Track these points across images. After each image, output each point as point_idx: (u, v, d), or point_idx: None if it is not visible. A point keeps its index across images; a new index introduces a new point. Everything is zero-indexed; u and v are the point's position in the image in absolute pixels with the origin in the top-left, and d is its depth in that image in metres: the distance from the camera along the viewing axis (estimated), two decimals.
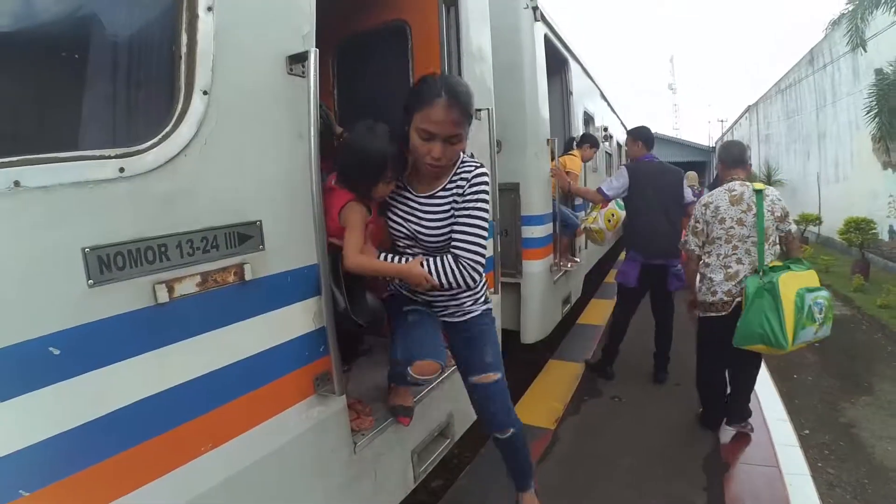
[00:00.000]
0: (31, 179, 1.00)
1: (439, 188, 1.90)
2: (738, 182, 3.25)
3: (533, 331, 4.36)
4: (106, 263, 1.10)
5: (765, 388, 4.54)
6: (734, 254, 3.17)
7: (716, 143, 36.90)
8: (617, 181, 4.27)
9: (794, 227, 3.34)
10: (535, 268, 4.29)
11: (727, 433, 3.60)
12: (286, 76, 1.49)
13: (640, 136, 4.41)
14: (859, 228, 10.14)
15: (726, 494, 2.96)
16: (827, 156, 14.32)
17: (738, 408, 3.56)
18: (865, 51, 9.10)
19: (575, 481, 3.00)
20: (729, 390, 3.59)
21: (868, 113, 7.43)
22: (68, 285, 1.07)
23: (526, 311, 4.31)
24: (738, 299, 3.14)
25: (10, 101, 1.20)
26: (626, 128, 11.37)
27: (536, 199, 4.31)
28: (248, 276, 1.36)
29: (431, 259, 1.83)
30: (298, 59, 1.49)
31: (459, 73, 2.75)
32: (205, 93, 1.24)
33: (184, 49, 1.21)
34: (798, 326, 2.90)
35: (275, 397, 1.52)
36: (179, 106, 1.21)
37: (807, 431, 4.51)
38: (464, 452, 3.55)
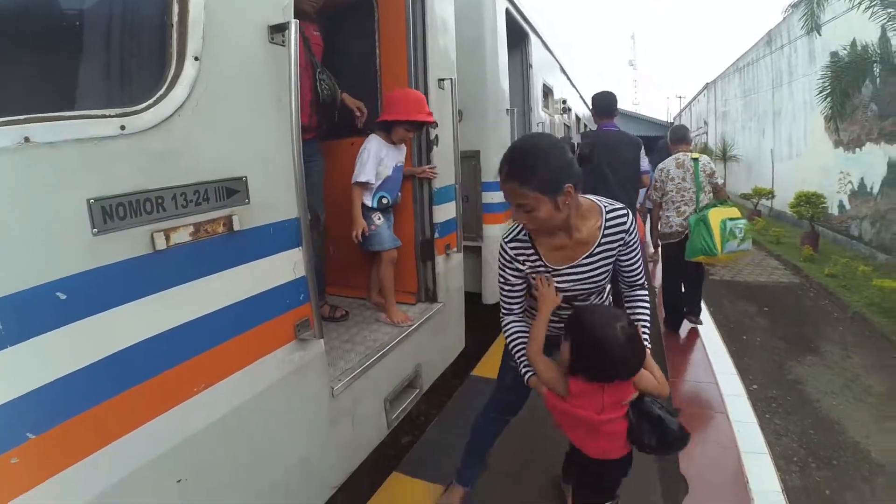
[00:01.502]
0: (39, 136, 1.08)
1: (595, 246, 1.81)
2: (681, 153, 4.74)
3: (494, 291, 4.45)
4: (109, 213, 1.20)
5: (715, 347, 4.92)
6: (682, 201, 4.64)
7: (674, 118, 37.54)
8: None
9: (720, 180, 4.79)
10: (496, 231, 4.41)
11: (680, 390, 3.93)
12: (268, 45, 1.60)
13: (595, 104, 4.52)
14: (809, 202, 10.50)
15: None
16: (781, 133, 14.69)
17: (692, 308, 5.19)
18: (820, 34, 9.40)
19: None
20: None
21: (820, 93, 7.68)
22: (74, 234, 1.15)
23: (487, 272, 4.45)
24: (686, 231, 4.58)
25: (20, 66, 1.28)
26: (584, 101, 11.57)
27: (495, 165, 4.42)
28: (236, 227, 1.48)
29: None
30: (279, 30, 1.60)
31: (424, 46, 2.87)
32: (196, 59, 1.34)
33: (175, 18, 1.31)
34: (723, 241, 4.28)
35: (260, 341, 1.65)
36: (172, 70, 1.31)
37: (755, 386, 4.70)
38: (430, 410, 3.72)
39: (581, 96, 11.57)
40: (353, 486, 2.61)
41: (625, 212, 1.81)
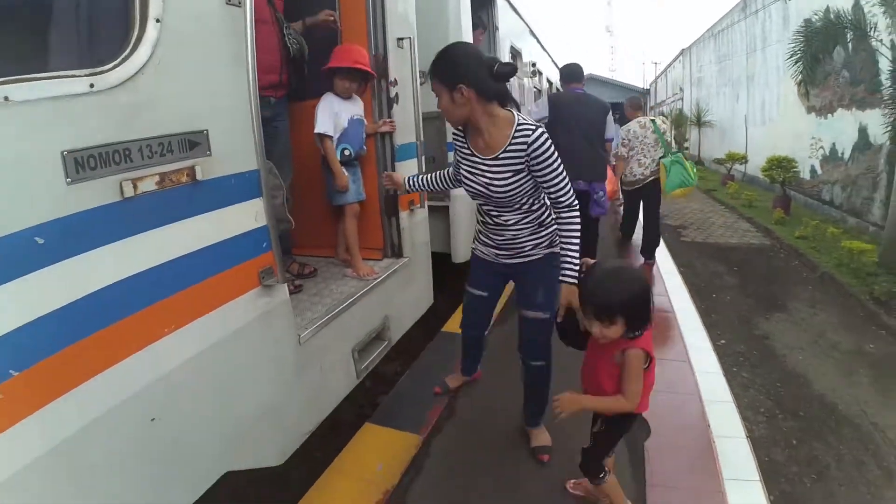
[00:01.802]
0: (17, 95, 1.21)
1: (501, 151, 2.17)
2: (640, 117, 6.11)
3: (462, 251, 4.62)
4: (81, 164, 1.32)
5: (682, 303, 5.08)
6: (642, 155, 5.90)
7: (650, 84, 37.72)
8: (537, 108, 4.67)
9: (671, 133, 6.17)
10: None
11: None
12: (225, 6, 1.72)
13: (562, 72, 4.87)
14: (781, 166, 10.81)
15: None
16: (755, 99, 14.92)
17: (649, 247, 6.27)
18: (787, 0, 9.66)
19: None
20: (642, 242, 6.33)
21: (790, 58, 7.83)
22: (50, 183, 1.28)
23: (455, 232, 4.61)
24: (646, 180, 5.91)
25: None
26: (556, 65, 11.69)
27: None
28: (199, 177, 1.62)
29: (569, 254, 2.17)
30: None
31: (382, 6, 3.00)
32: (157, 21, 1.47)
33: None
34: (693, 174, 5.72)
35: (226, 286, 1.80)
36: (136, 32, 1.44)
37: (723, 342, 4.93)
38: (404, 369, 3.86)
39: (554, 61, 11.67)
40: (328, 440, 2.82)
41: (534, 127, 2.13)
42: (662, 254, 6.88)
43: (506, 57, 6.35)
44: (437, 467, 2.62)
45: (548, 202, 2.35)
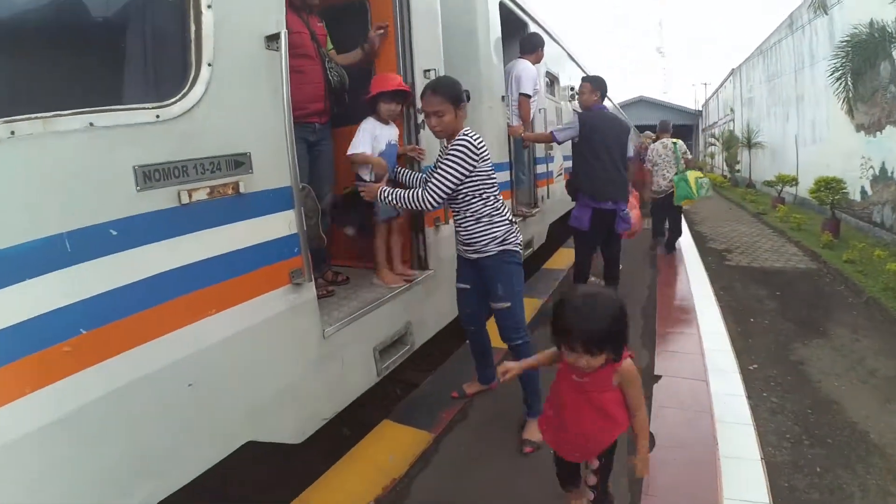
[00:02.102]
0: (100, 122, 1.61)
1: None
2: (665, 138, 7.70)
3: None
4: (148, 176, 1.71)
5: (711, 325, 5.20)
6: (665, 170, 7.49)
7: (702, 106, 37.39)
8: (569, 127, 4.82)
9: (689, 155, 7.71)
10: None
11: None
12: (265, 50, 2.12)
13: (600, 86, 4.92)
14: (829, 188, 10.46)
15: (654, 401, 3.62)
16: (805, 118, 14.71)
17: (670, 242, 8.21)
18: (826, 13, 9.62)
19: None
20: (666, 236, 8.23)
21: (832, 74, 7.84)
22: (123, 190, 1.67)
23: None
24: (669, 189, 7.39)
25: (83, 74, 1.84)
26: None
27: (493, 149, 4.89)
28: (242, 190, 2.01)
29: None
30: (273, 38, 2.12)
31: (410, 40, 3.39)
32: (209, 64, 1.87)
33: (193, 35, 1.84)
34: (697, 189, 7.13)
35: (261, 281, 2.16)
36: (192, 73, 1.84)
37: (755, 366, 4.74)
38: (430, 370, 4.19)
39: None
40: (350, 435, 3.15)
41: (463, 139, 2.79)
42: (700, 277, 7.00)
43: (541, 81, 6.70)
44: (443, 463, 2.90)
45: (497, 202, 2.92)
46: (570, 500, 2.31)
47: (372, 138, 3.26)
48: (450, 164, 2.75)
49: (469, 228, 2.92)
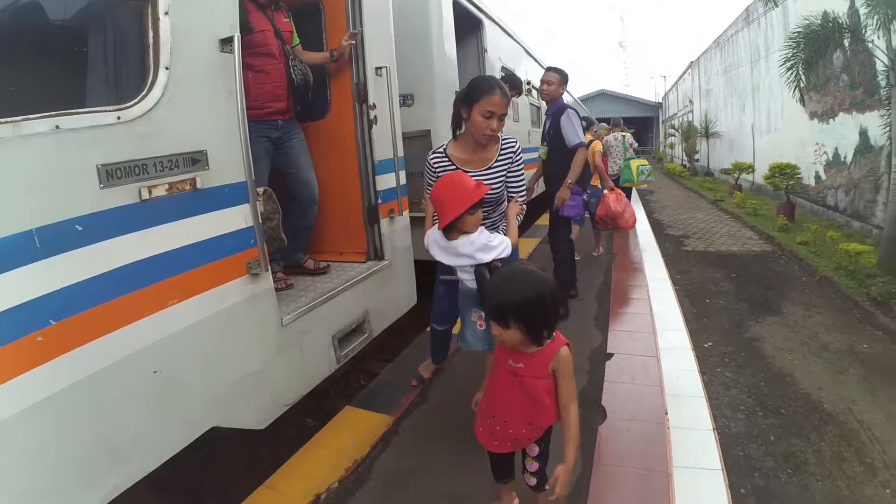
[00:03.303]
0: (65, 124, 1.75)
1: (493, 162, 2.86)
2: (617, 132, 8.89)
3: None
4: (110, 174, 1.85)
5: (665, 306, 5.42)
6: (617, 157, 8.50)
7: (662, 99, 38.29)
8: (576, 125, 4.77)
9: (636, 145, 9.15)
10: None
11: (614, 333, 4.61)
12: (219, 53, 2.28)
13: (567, 79, 4.90)
14: (784, 174, 11.15)
15: (606, 376, 3.86)
16: (760, 108, 15.47)
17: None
18: (777, 5, 10.06)
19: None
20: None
21: (783, 64, 8.07)
22: (88, 188, 1.81)
23: None
24: (618, 174, 8.28)
25: (49, 78, 1.99)
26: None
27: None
28: (199, 186, 2.17)
29: (513, 224, 2.85)
30: (227, 42, 2.29)
31: (362, 39, 3.55)
32: (167, 68, 2.02)
33: (151, 40, 2.00)
34: (638, 174, 8.07)
35: (220, 272, 2.32)
36: (150, 77, 2.00)
37: (709, 344, 5.14)
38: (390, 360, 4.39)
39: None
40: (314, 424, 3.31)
41: (513, 140, 2.91)
42: (656, 262, 7.29)
43: (497, 76, 6.94)
44: (403, 443, 3.08)
45: None
46: (500, 493, 2.42)
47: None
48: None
49: (498, 227, 3.01)
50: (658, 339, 4.55)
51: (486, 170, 2.84)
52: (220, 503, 2.64)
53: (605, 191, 6.79)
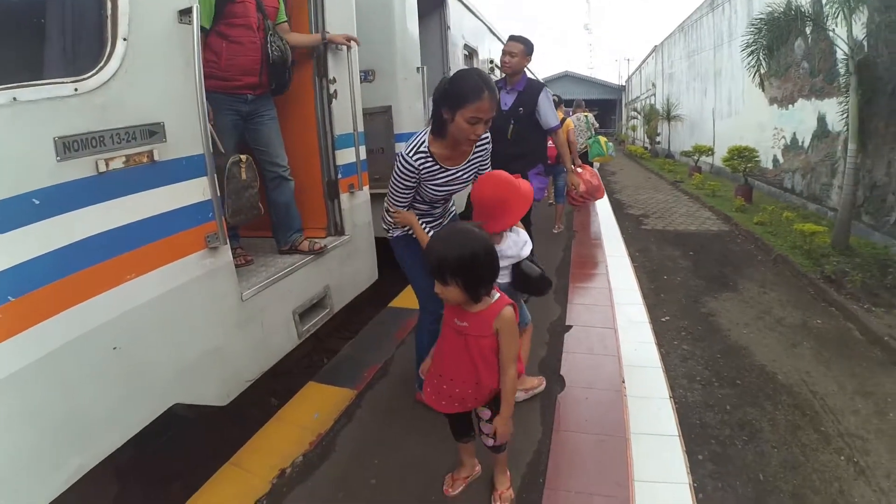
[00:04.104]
0: (22, 96, 1.74)
1: (470, 155, 2.77)
2: (579, 112, 9.47)
3: None
4: (67, 146, 1.86)
5: (624, 282, 5.66)
6: (579, 136, 8.71)
7: (625, 81, 38.83)
8: (550, 101, 4.66)
9: (596, 124, 9.65)
10: None
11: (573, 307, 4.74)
12: (178, 24, 2.29)
13: (531, 49, 4.54)
14: (742, 156, 11.51)
15: (564, 347, 4.02)
16: (722, 92, 15.82)
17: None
18: None
19: None
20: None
21: (745, 49, 8.28)
22: (45, 161, 1.81)
23: None
24: (583, 150, 8.78)
25: (4, 52, 1.99)
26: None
27: (406, 119, 5.22)
28: (156, 158, 2.19)
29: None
30: (186, 12, 2.30)
31: (323, 14, 3.57)
32: (124, 39, 2.04)
33: (109, 11, 2.01)
34: (606, 149, 9.09)
35: (179, 245, 2.35)
36: (108, 48, 2.01)
37: (667, 318, 5.30)
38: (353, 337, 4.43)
39: None
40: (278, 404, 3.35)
41: (487, 135, 2.74)
42: (615, 240, 7.53)
43: (458, 54, 7.01)
44: (366, 416, 3.17)
45: None
46: (462, 459, 2.54)
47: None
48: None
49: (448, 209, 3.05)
50: (616, 312, 4.73)
51: (465, 164, 2.78)
52: (185, 486, 2.65)
53: (579, 168, 6.83)
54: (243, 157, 3.03)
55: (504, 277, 2.62)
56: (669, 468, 2.71)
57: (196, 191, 2.43)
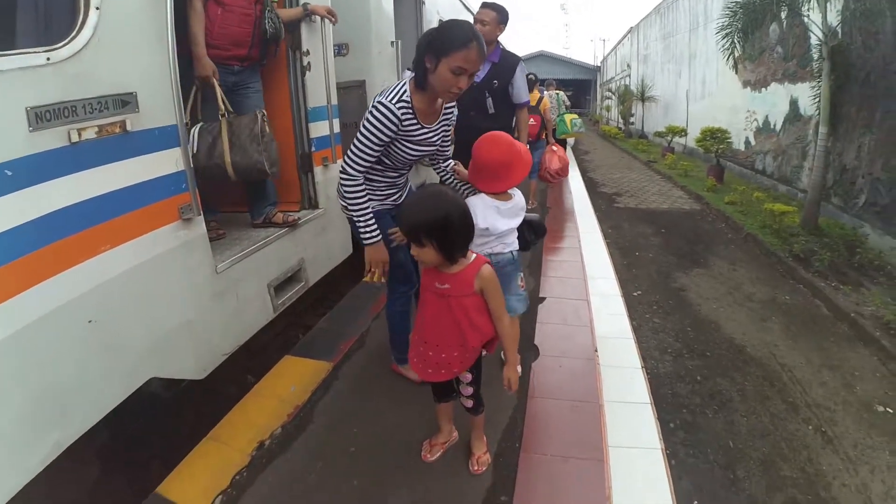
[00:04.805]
0: None
1: (441, 115, 2.70)
2: (552, 90, 10.33)
3: None
4: (40, 116, 1.87)
5: (597, 256, 5.76)
6: (552, 112, 8.61)
7: (600, 62, 39.04)
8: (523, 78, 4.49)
9: (568, 102, 11.25)
10: None
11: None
12: None
13: (506, 17, 4.31)
14: (714, 137, 11.78)
15: (538, 318, 4.14)
16: (696, 74, 16.09)
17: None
18: None
19: None
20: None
21: (719, 31, 8.40)
22: (17, 131, 1.82)
23: None
24: (554, 125, 8.74)
25: None
26: (500, 43, 12.56)
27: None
28: (129, 129, 2.20)
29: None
30: None
31: None
32: (97, 8, 2.04)
33: None
34: (571, 126, 9.42)
35: (153, 216, 2.37)
36: (80, 17, 2.00)
37: (639, 292, 5.48)
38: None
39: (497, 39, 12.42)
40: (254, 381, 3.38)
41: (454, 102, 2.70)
42: (587, 216, 7.72)
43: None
44: (343, 387, 3.23)
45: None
46: (439, 417, 2.63)
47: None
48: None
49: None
50: (589, 286, 4.88)
51: (437, 125, 2.70)
52: (164, 465, 2.67)
53: (554, 147, 7.49)
54: (259, 113, 3.10)
55: (512, 245, 2.78)
56: (642, 435, 2.83)
57: (169, 161, 2.45)
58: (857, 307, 5.10)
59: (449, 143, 2.88)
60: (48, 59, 1.91)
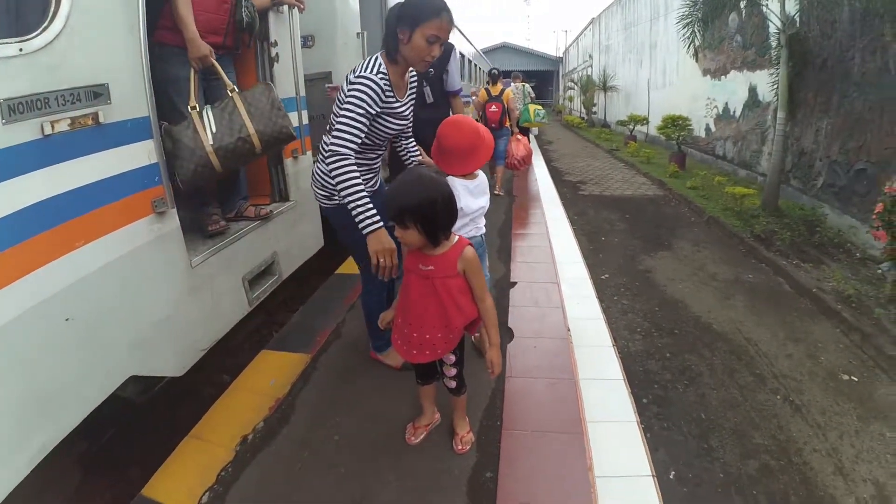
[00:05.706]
0: None
1: (407, 89, 2.75)
2: (517, 82, 11.06)
3: None
4: (13, 109, 1.86)
5: (564, 242, 5.90)
6: (518, 103, 9.54)
7: (563, 53, 39.53)
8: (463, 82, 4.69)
9: (532, 94, 11.73)
10: None
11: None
12: None
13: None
14: (675, 125, 12.15)
15: (510, 301, 4.28)
16: (657, 64, 16.57)
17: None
18: None
19: None
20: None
21: (680, 21, 8.67)
22: None
23: None
24: (519, 115, 9.13)
25: None
26: (464, 35, 12.73)
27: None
28: (101, 121, 2.20)
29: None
30: None
31: None
32: None
33: None
34: (534, 116, 9.95)
35: (126, 211, 2.36)
36: (52, 7, 2.00)
37: (606, 276, 5.66)
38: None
39: (460, 31, 12.50)
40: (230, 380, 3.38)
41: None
42: (553, 204, 7.92)
43: None
44: (322, 378, 3.26)
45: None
46: (422, 399, 2.69)
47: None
48: None
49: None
50: (558, 269, 5.04)
51: (406, 97, 2.75)
52: (146, 469, 2.65)
53: (519, 136, 8.00)
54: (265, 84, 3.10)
55: (482, 228, 2.91)
56: (617, 410, 2.94)
57: (142, 154, 2.45)
58: (818, 283, 5.34)
59: (409, 119, 2.89)
60: (21, 49, 1.89)
